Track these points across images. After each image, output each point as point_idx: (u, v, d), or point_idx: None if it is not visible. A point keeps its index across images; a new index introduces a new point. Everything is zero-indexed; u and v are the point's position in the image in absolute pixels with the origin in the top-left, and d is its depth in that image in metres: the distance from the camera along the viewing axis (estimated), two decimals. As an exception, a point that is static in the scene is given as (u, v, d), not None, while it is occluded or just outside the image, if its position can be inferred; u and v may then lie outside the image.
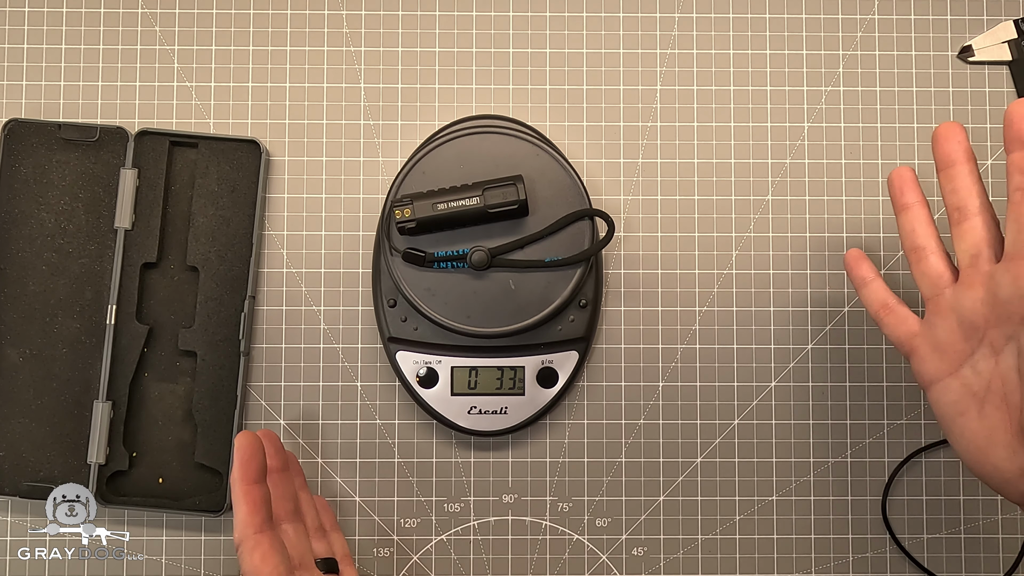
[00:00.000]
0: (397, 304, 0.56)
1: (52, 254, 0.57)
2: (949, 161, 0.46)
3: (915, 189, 0.48)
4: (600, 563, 0.58)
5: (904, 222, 0.48)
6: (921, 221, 0.48)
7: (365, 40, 0.59)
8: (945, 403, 0.45)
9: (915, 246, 0.48)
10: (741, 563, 0.58)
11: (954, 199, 0.46)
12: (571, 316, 0.56)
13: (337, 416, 0.58)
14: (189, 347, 0.57)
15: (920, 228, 0.48)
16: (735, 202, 0.59)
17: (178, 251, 0.58)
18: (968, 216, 0.46)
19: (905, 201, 0.48)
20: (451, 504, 0.58)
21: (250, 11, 0.59)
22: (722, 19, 0.60)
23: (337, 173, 0.59)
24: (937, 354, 0.46)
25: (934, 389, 0.46)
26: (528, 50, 0.59)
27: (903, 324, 0.48)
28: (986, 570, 0.58)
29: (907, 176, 0.48)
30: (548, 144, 0.56)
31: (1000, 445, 0.43)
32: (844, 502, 0.58)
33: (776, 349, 0.58)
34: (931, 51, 0.60)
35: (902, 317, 0.48)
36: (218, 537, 0.57)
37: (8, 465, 0.56)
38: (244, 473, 0.47)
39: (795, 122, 0.59)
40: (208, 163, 0.57)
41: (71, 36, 0.59)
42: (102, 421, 0.56)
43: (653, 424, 0.58)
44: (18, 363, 0.57)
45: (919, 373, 0.47)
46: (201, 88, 0.59)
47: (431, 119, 0.59)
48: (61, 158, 0.57)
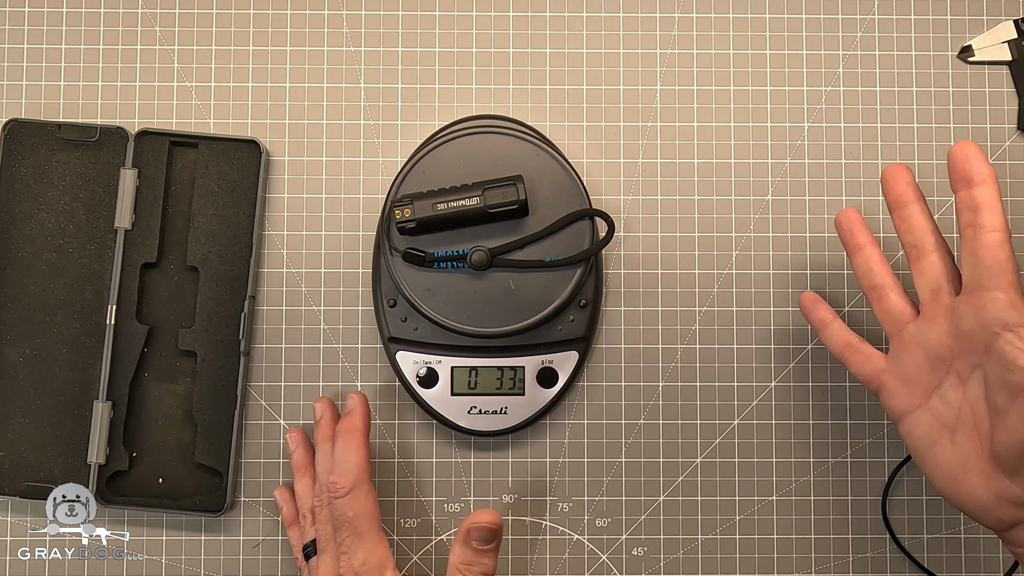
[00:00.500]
0: (397, 304, 0.56)
1: (52, 254, 0.57)
2: (901, 202, 0.49)
3: (864, 230, 0.51)
4: (600, 563, 0.58)
5: (859, 263, 0.50)
6: (875, 260, 0.50)
7: (365, 40, 0.59)
8: (918, 435, 0.47)
9: (873, 285, 0.50)
10: (741, 563, 0.58)
11: (910, 237, 0.48)
12: (571, 316, 0.56)
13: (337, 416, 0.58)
14: (189, 347, 0.57)
15: (876, 267, 0.50)
16: (735, 202, 0.59)
17: (178, 251, 0.58)
18: (925, 253, 0.48)
19: (857, 242, 0.51)
20: (451, 504, 0.58)
21: (250, 11, 0.59)
22: (722, 19, 0.60)
23: (337, 173, 0.59)
24: (906, 388, 0.48)
25: (906, 422, 0.48)
26: (528, 50, 0.59)
27: (868, 362, 0.50)
28: (986, 570, 0.58)
29: (854, 217, 0.51)
30: (548, 144, 0.56)
31: (974, 472, 0.44)
32: (844, 502, 0.58)
33: (776, 349, 0.58)
34: (931, 51, 0.60)
35: (867, 355, 0.50)
36: (218, 537, 0.57)
37: (8, 465, 0.56)
38: (365, 423, 0.52)
39: (795, 122, 0.59)
40: (208, 163, 0.57)
41: (71, 36, 0.59)
42: (102, 421, 0.56)
43: (653, 424, 0.58)
44: (18, 363, 0.57)
45: (889, 408, 0.48)
46: (201, 88, 0.59)
47: (431, 119, 0.59)
48: (61, 158, 0.57)
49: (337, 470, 0.51)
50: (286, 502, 0.56)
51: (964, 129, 0.59)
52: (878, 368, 0.49)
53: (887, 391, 0.49)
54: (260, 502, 0.58)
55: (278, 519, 0.58)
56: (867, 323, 0.58)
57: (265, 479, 0.58)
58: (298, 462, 0.55)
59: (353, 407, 0.53)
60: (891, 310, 0.49)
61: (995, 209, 0.44)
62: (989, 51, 0.59)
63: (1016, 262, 0.45)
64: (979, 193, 0.45)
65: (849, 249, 0.51)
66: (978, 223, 0.44)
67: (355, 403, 0.53)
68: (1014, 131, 0.59)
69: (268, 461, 0.58)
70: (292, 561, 0.57)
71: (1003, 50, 0.59)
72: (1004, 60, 0.59)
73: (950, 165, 0.46)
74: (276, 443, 0.58)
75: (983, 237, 0.44)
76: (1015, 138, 0.59)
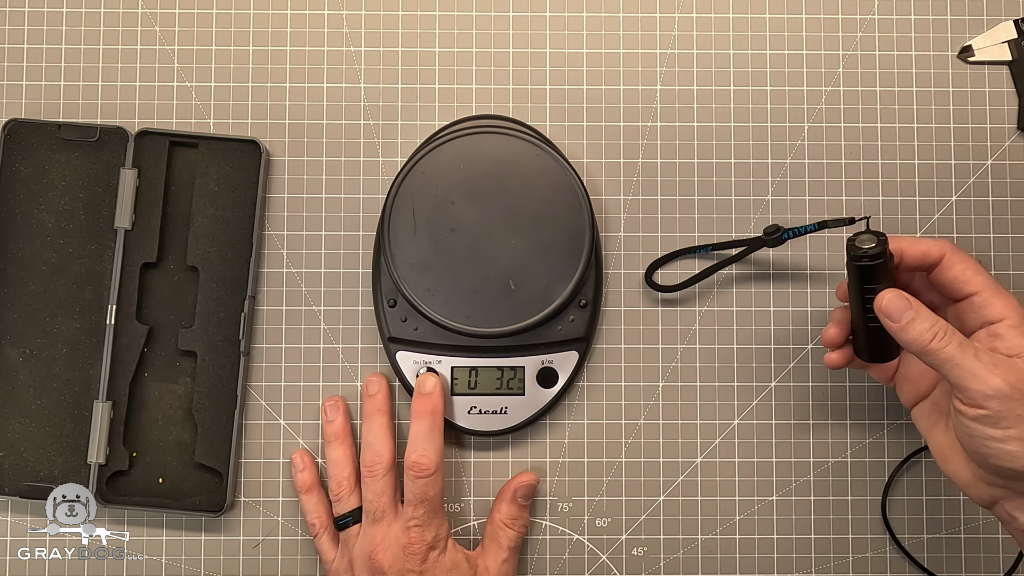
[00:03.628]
0: (397, 304, 0.56)
1: (52, 254, 0.57)
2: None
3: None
4: (600, 563, 0.58)
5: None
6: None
7: (365, 40, 0.59)
8: (921, 419, 0.52)
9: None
10: (741, 563, 0.58)
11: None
12: (571, 316, 0.56)
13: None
14: (189, 347, 0.57)
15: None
16: (735, 202, 0.59)
17: (178, 251, 0.58)
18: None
19: None
20: (451, 504, 0.58)
21: (250, 11, 0.59)
22: (722, 19, 0.60)
23: (337, 173, 0.59)
24: (912, 385, 0.53)
25: (914, 410, 0.53)
26: (528, 50, 0.59)
27: (887, 368, 0.54)
28: (986, 570, 0.58)
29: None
30: (548, 144, 0.56)
31: (958, 454, 0.49)
32: (844, 502, 0.58)
33: (776, 349, 0.58)
34: (931, 51, 0.60)
35: (884, 364, 0.54)
36: (218, 537, 0.57)
37: (8, 465, 0.56)
38: (443, 407, 0.55)
39: (795, 122, 0.59)
40: (208, 163, 0.57)
41: (71, 36, 0.59)
42: (102, 421, 0.56)
43: (653, 424, 0.58)
44: (18, 363, 0.57)
45: (902, 399, 0.53)
46: (201, 88, 0.59)
47: (431, 119, 0.59)
48: (61, 158, 0.57)
49: (420, 451, 0.53)
50: (308, 467, 0.57)
51: (964, 129, 0.59)
52: (893, 370, 0.54)
53: (899, 388, 0.53)
54: (260, 502, 0.58)
55: (278, 519, 0.58)
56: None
57: (265, 479, 0.58)
58: (339, 429, 0.56)
59: (432, 388, 0.55)
60: None
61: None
62: (989, 51, 0.59)
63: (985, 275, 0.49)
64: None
65: None
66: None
67: (434, 384, 0.55)
68: (1014, 131, 0.59)
69: (268, 461, 0.58)
70: (292, 561, 0.57)
71: (1003, 50, 0.59)
72: (1004, 60, 0.59)
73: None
74: (276, 443, 0.58)
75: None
76: (1015, 138, 0.59)
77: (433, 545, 0.53)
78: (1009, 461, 0.46)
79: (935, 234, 0.59)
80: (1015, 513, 0.48)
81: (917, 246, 0.50)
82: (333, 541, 0.56)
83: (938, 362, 0.46)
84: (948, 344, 0.46)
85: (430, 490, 0.53)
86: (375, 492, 0.54)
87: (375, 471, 0.54)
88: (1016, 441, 0.45)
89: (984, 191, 0.59)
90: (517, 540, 0.56)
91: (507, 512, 0.56)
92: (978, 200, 0.59)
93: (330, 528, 0.56)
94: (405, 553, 0.53)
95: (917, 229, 0.59)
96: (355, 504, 0.55)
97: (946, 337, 0.46)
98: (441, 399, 0.55)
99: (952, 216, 0.59)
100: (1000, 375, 0.45)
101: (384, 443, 0.55)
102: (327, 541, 0.56)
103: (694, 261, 0.58)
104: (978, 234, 0.59)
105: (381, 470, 0.54)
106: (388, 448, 0.55)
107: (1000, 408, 0.45)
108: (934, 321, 0.47)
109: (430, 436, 0.54)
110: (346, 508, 0.55)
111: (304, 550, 0.58)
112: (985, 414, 0.45)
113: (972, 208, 0.59)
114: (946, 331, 0.47)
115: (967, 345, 0.46)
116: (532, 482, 0.57)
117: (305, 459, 0.57)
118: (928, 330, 0.46)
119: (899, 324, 0.47)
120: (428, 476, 0.53)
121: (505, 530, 0.56)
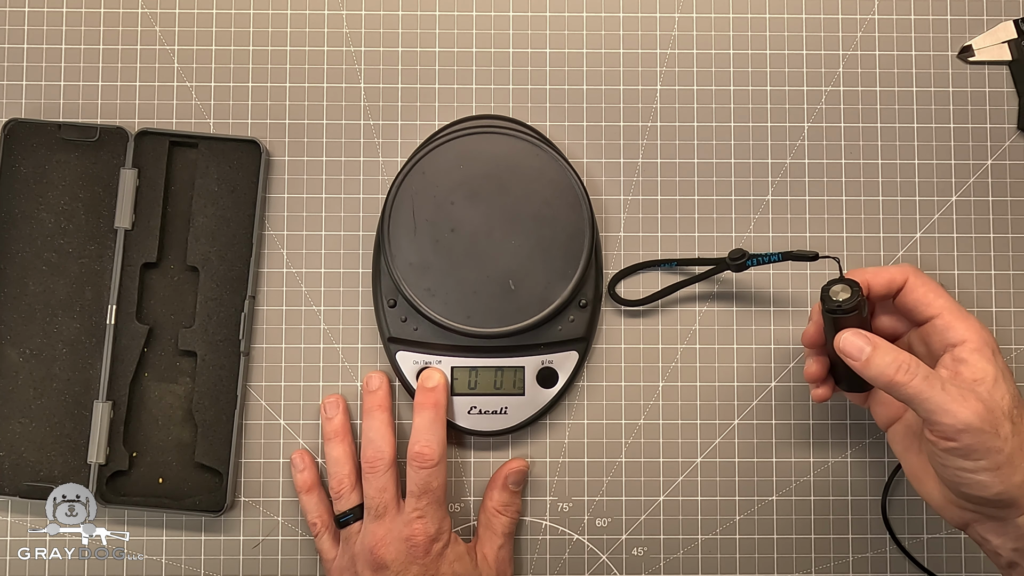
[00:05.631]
0: (397, 304, 0.56)
1: (52, 254, 0.57)
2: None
3: None
4: (600, 563, 0.58)
5: None
6: None
7: (365, 40, 0.59)
8: (895, 441, 0.53)
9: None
10: (741, 563, 0.58)
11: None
12: (571, 316, 0.56)
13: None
14: (189, 347, 0.57)
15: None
16: (735, 202, 0.59)
17: (178, 251, 0.58)
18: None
19: None
20: (451, 504, 0.58)
21: (250, 11, 0.59)
22: (722, 19, 0.60)
23: (337, 173, 0.59)
24: (885, 408, 0.53)
25: (888, 432, 0.53)
26: (528, 50, 0.59)
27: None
28: (986, 570, 0.58)
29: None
30: (548, 144, 0.56)
31: (930, 477, 0.50)
32: (844, 502, 0.58)
33: (776, 349, 0.58)
34: (931, 51, 0.60)
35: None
36: (218, 537, 0.57)
37: (8, 465, 0.56)
38: (447, 400, 0.56)
39: (795, 122, 0.59)
40: (208, 163, 0.57)
41: (71, 36, 0.59)
42: (102, 421, 0.56)
43: (653, 424, 0.58)
44: (18, 363, 0.57)
45: (877, 422, 0.54)
46: (201, 88, 0.59)
47: (431, 119, 0.59)
48: (61, 158, 0.57)
49: (423, 441, 0.54)
50: (308, 466, 0.57)
51: (964, 129, 0.59)
52: (865, 393, 0.54)
53: (872, 410, 0.54)
54: (260, 502, 0.58)
55: (278, 519, 0.58)
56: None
57: (265, 479, 0.58)
58: (339, 427, 0.56)
59: (436, 383, 0.55)
60: None
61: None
62: (989, 51, 0.59)
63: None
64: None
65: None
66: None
67: (438, 379, 0.55)
68: (1014, 131, 0.59)
69: (268, 461, 0.58)
70: (292, 561, 0.57)
71: (1003, 50, 0.59)
72: (1004, 60, 0.59)
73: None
74: (276, 443, 0.58)
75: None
76: (1015, 138, 0.59)
77: (436, 538, 0.53)
78: (980, 490, 0.46)
79: (935, 234, 0.59)
80: (987, 536, 0.48)
81: (881, 276, 0.50)
82: (334, 540, 0.56)
83: (906, 396, 0.46)
84: (914, 378, 0.46)
85: (433, 481, 0.53)
86: (377, 488, 0.54)
87: (376, 467, 0.54)
88: (987, 472, 0.46)
89: (984, 191, 0.59)
90: (511, 526, 0.56)
91: (499, 499, 0.56)
92: (978, 200, 0.59)
93: (331, 527, 0.56)
94: (408, 546, 0.53)
95: (917, 229, 0.59)
96: (356, 501, 0.55)
97: (911, 370, 0.46)
98: (445, 393, 0.55)
99: (952, 216, 0.59)
100: (969, 408, 0.45)
101: (385, 439, 0.55)
102: (328, 540, 0.56)
103: (663, 275, 0.58)
104: (978, 234, 0.59)
105: (383, 466, 0.54)
106: (389, 444, 0.55)
107: (971, 441, 0.45)
108: (896, 355, 0.47)
109: (433, 428, 0.54)
110: (347, 505, 0.55)
111: (304, 550, 0.58)
112: (956, 447, 0.46)
113: (972, 208, 0.59)
114: (910, 364, 0.47)
115: (934, 378, 0.46)
116: (522, 468, 0.57)
117: (305, 459, 0.57)
118: (890, 364, 0.47)
119: (860, 361, 0.48)
120: (431, 466, 0.53)
121: (498, 517, 0.56)
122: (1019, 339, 0.59)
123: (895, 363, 0.47)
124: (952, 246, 0.59)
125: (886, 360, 0.47)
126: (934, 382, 0.46)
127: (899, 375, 0.46)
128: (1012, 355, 0.58)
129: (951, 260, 0.59)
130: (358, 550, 0.54)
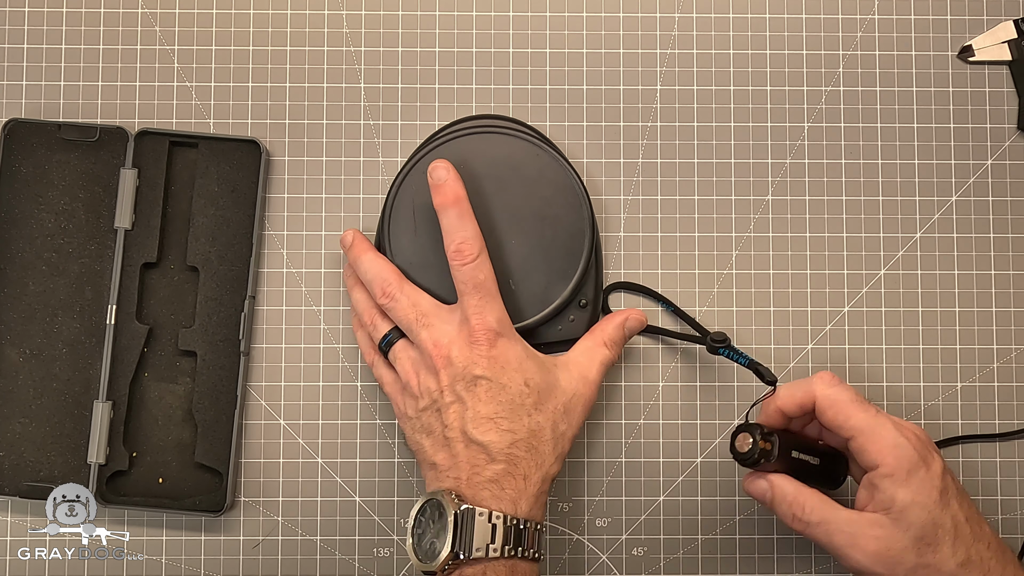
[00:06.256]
0: (397, 304, 0.56)
1: (52, 254, 0.57)
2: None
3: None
4: (600, 563, 0.58)
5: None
6: None
7: (365, 40, 0.59)
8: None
9: None
10: (741, 563, 0.58)
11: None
12: (571, 316, 0.56)
13: (337, 416, 0.58)
14: (189, 347, 0.57)
15: None
16: (735, 202, 0.59)
17: (178, 251, 0.58)
18: None
19: None
20: (451, 504, 0.58)
21: (250, 11, 0.59)
22: (722, 19, 0.60)
23: (337, 173, 0.59)
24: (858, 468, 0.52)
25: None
26: (528, 50, 0.59)
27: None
28: (986, 570, 0.58)
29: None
30: (548, 144, 0.56)
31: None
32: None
33: (776, 349, 0.58)
34: (931, 51, 0.60)
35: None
36: (218, 537, 0.57)
37: (8, 465, 0.56)
38: (464, 189, 0.52)
39: (795, 122, 0.59)
40: (208, 163, 0.57)
41: (71, 36, 0.59)
42: (102, 421, 0.56)
43: (653, 424, 0.58)
44: (18, 363, 0.57)
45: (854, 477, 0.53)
46: (201, 88, 0.59)
47: (431, 119, 0.59)
48: (61, 158, 0.57)
49: (459, 238, 0.51)
50: (357, 237, 0.56)
51: (964, 129, 0.59)
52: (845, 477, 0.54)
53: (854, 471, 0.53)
54: (260, 502, 0.58)
55: (278, 519, 0.58)
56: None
57: (265, 479, 0.58)
58: (348, 278, 0.56)
59: (446, 177, 0.52)
60: None
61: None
62: (989, 51, 0.59)
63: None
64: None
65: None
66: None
67: (446, 172, 0.52)
68: (1014, 131, 0.59)
69: (268, 461, 0.58)
70: (292, 561, 0.57)
71: (1003, 50, 0.59)
72: (1004, 60, 0.59)
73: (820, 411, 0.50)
74: (276, 443, 0.58)
75: None
76: (1015, 138, 0.59)
77: (499, 332, 0.51)
78: None
79: (935, 234, 0.59)
80: None
81: (794, 399, 0.50)
82: (387, 365, 0.55)
83: (809, 537, 0.48)
84: (806, 527, 0.48)
85: (479, 274, 0.51)
86: (405, 306, 0.52)
87: (390, 292, 0.53)
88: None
89: (984, 191, 0.59)
90: (611, 362, 0.54)
91: (611, 335, 0.54)
92: (978, 200, 0.59)
93: (380, 354, 0.55)
94: (470, 342, 0.51)
95: (917, 229, 0.59)
96: (389, 326, 0.54)
97: (805, 512, 0.48)
98: (459, 182, 0.52)
99: (952, 216, 0.59)
100: (860, 552, 0.47)
101: (383, 268, 0.53)
102: (382, 366, 0.55)
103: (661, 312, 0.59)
104: (978, 234, 0.59)
105: (394, 290, 0.53)
106: (389, 270, 0.53)
107: (882, 572, 0.47)
108: (794, 496, 0.48)
109: (462, 222, 0.51)
110: (384, 330, 0.54)
111: (304, 550, 0.58)
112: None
113: (972, 208, 0.59)
114: (804, 507, 0.48)
115: (830, 521, 0.48)
116: (644, 319, 0.56)
117: (356, 234, 0.56)
118: (784, 513, 0.49)
119: (768, 505, 0.50)
120: (473, 259, 0.51)
121: (602, 349, 0.54)
122: (1019, 339, 0.59)
123: (789, 512, 0.49)
124: (952, 246, 0.59)
125: (781, 509, 0.49)
126: (830, 526, 0.48)
127: (794, 523, 0.48)
128: (1012, 355, 0.58)
129: (951, 260, 0.59)
130: (415, 355, 0.52)
